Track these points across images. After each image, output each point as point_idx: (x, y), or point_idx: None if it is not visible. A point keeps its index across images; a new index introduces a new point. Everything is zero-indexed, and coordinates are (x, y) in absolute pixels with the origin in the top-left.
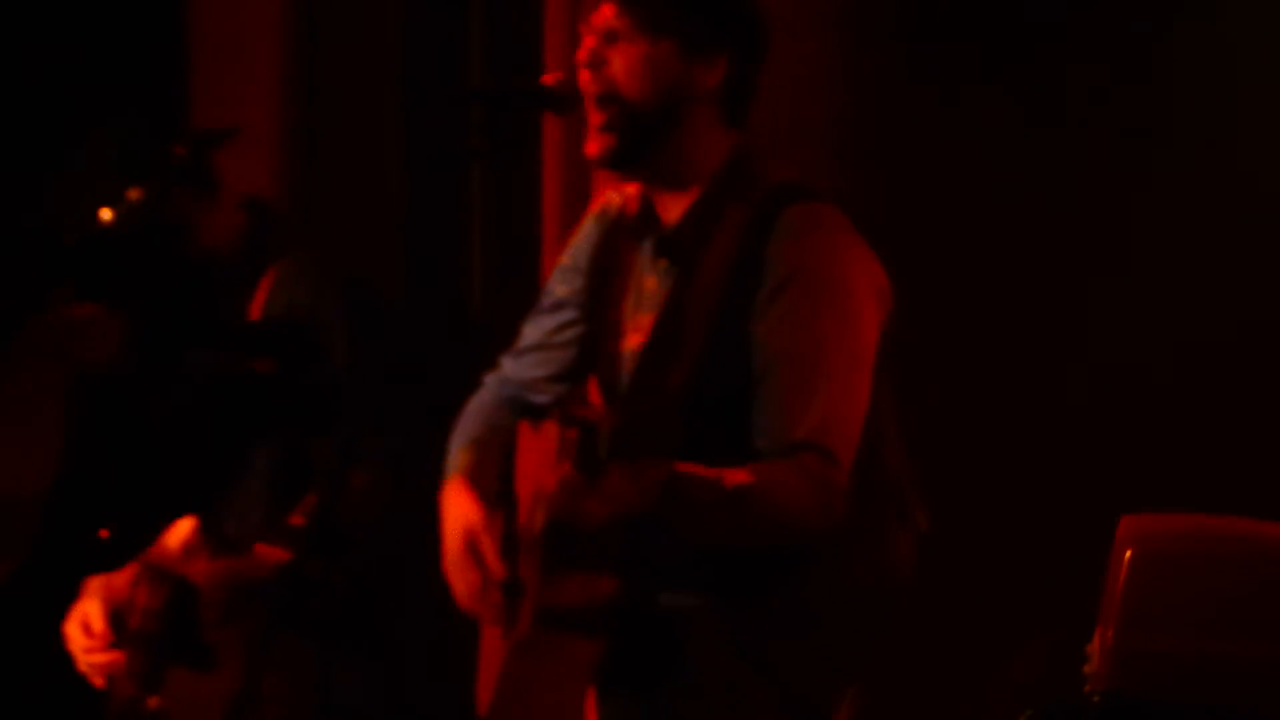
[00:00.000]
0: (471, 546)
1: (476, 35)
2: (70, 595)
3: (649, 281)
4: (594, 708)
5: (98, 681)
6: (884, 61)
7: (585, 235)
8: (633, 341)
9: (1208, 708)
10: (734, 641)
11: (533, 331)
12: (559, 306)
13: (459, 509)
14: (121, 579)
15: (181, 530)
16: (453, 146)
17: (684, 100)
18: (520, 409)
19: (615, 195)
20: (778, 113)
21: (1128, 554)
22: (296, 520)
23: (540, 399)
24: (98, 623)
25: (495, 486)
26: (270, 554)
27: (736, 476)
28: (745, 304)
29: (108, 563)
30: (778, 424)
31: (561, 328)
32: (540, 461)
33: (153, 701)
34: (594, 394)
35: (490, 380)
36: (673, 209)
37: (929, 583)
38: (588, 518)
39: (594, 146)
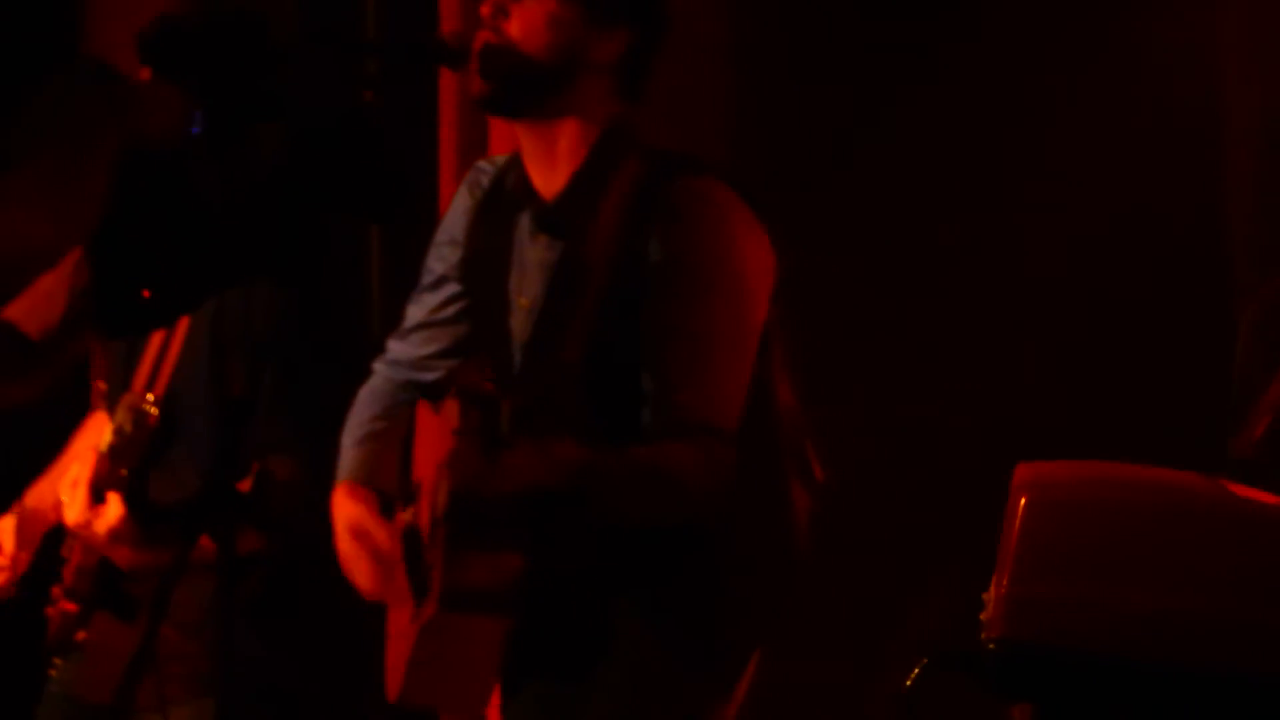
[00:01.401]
0: (361, 536)
1: None
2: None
3: (530, 254)
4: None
5: None
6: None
7: (457, 208)
8: (520, 315)
9: (1102, 654)
10: (641, 612)
11: (416, 310)
12: (440, 282)
13: (343, 511)
14: (43, 508)
15: (110, 516)
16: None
17: (579, 66)
18: (412, 390)
19: (486, 164)
20: (677, 91)
21: (1022, 501)
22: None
23: (431, 376)
24: (8, 544)
25: (395, 474)
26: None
27: (642, 457)
28: (634, 280)
29: (148, 323)
30: (667, 401)
31: (445, 304)
32: (442, 442)
33: (80, 635)
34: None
35: (379, 366)
36: (551, 180)
37: (825, 538)
38: (492, 494)
39: (473, 85)
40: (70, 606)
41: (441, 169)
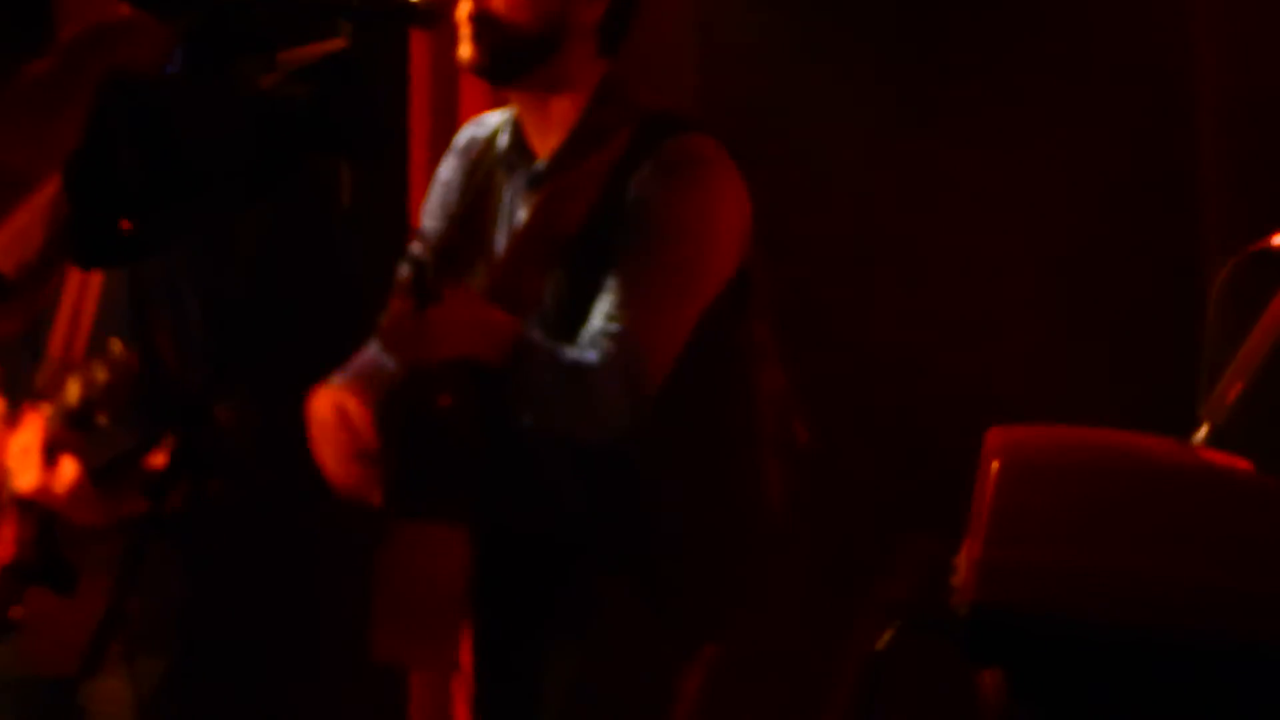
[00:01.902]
0: (340, 413)
1: None
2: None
3: (521, 215)
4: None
5: None
6: None
7: (450, 169)
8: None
9: (1074, 619)
10: (616, 573)
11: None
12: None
13: (327, 394)
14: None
15: (67, 476)
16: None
17: (565, 30)
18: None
19: (478, 125)
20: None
21: (995, 465)
22: (160, 456)
23: None
24: None
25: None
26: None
27: (566, 354)
28: (608, 225)
29: (126, 255)
30: (605, 316)
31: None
32: None
33: (15, 612)
34: None
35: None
36: (545, 142)
37: (795, 504)
38: (426, 342)
39: (465, 51)
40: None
41: (412, 130)
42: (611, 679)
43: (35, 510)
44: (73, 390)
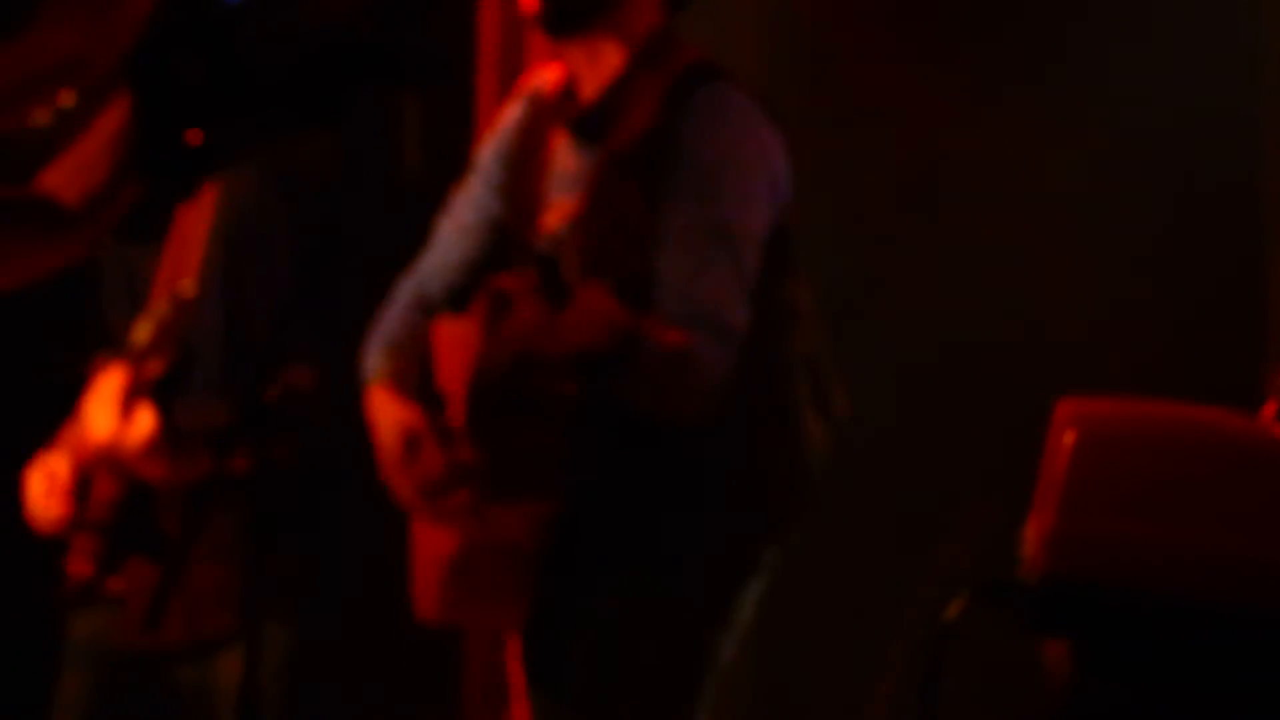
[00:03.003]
0: (411, 444)
1: None
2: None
3: (567, 162)
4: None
5: (43, 530)
6: None
7: (511, 118)
8: (550, 223)
9: (1144, 591)
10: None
11: (453, 217)
12: (482, 185)
13: (391, 412)
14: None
15: (142, 427)
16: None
17: None
18: (432, 305)
19: (539, 78)
20: None
21: (1070, 437)
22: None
23: (454, 283)
24: (63, 473)
25: (417, 385)
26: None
27: (669, 338)
28: (655, 178)
29: (192, 168)
30: (681, 294)
31: (480, 208)
32: (457, 359)
33: (113, 584)
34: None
35: (403, 281)
36: (590, 86)
37: (851, 470)
38: (550, 352)
39: (530, 3)
40: (88, 563)
41: (480, 71)
42: (650, 641)
43: (123, 472)
44: (143, 331)
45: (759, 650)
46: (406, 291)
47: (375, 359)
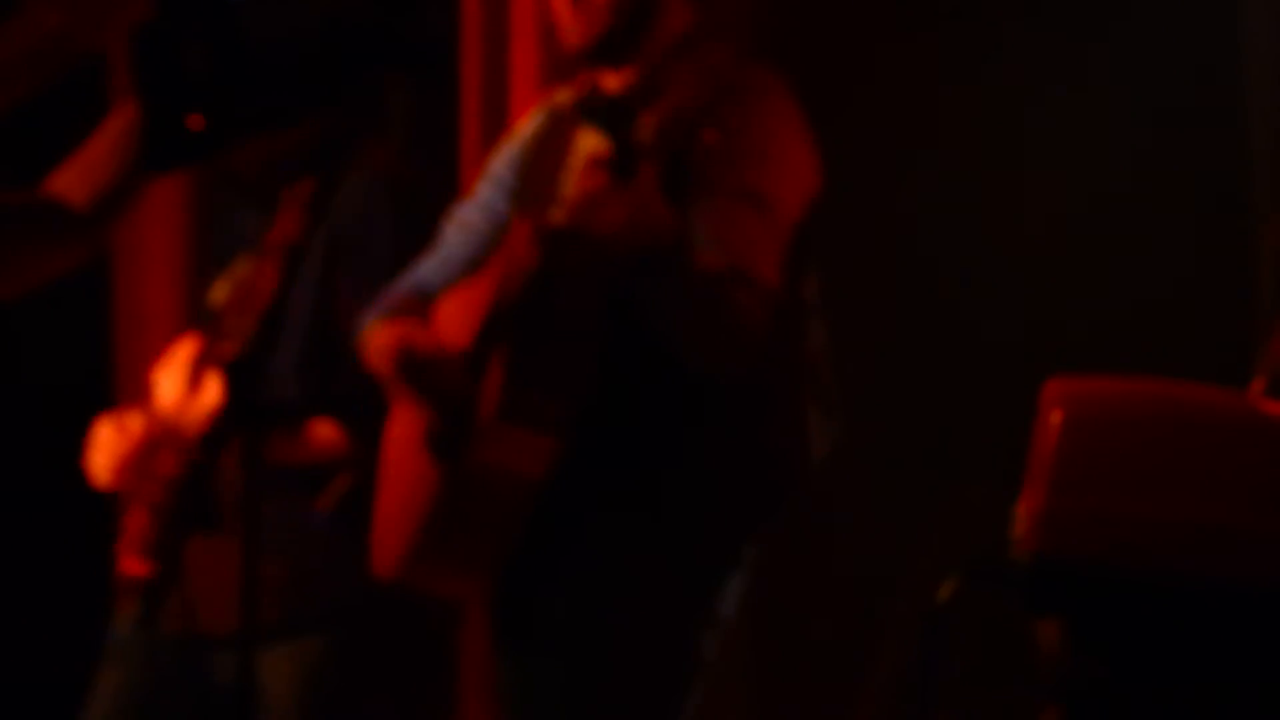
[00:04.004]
0: (404, 345)
1: None
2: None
3: (584, 152)
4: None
5: (102, 483)
6: None
7: (529, 128)
8: (559, 218)
9: (1136, 569)
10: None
11: (458, 219)
12: (492, 189)
13: (385, 333)
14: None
15: (205, 398)
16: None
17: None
18: (430, 297)
19: (560, 93)
20: None
21: (1058, 416)
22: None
23: (453, 279)
24: (132, 434)
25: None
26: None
27: (713, 270)
28: (684, 157)
29: (196, 154)
30: (720, 248)
31: (487, 210)
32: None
33: (164, 566)
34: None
35: (402, 278)
36: (617, 81)
37: (849, 454)
38: (622, 217)
39: (573, 39)
40: (141, 542)
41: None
42: (632, 620)
43: (183, 447)
44: (219, 292)
45: (753, 638)
46: (403, 282)
47: (368, 323)
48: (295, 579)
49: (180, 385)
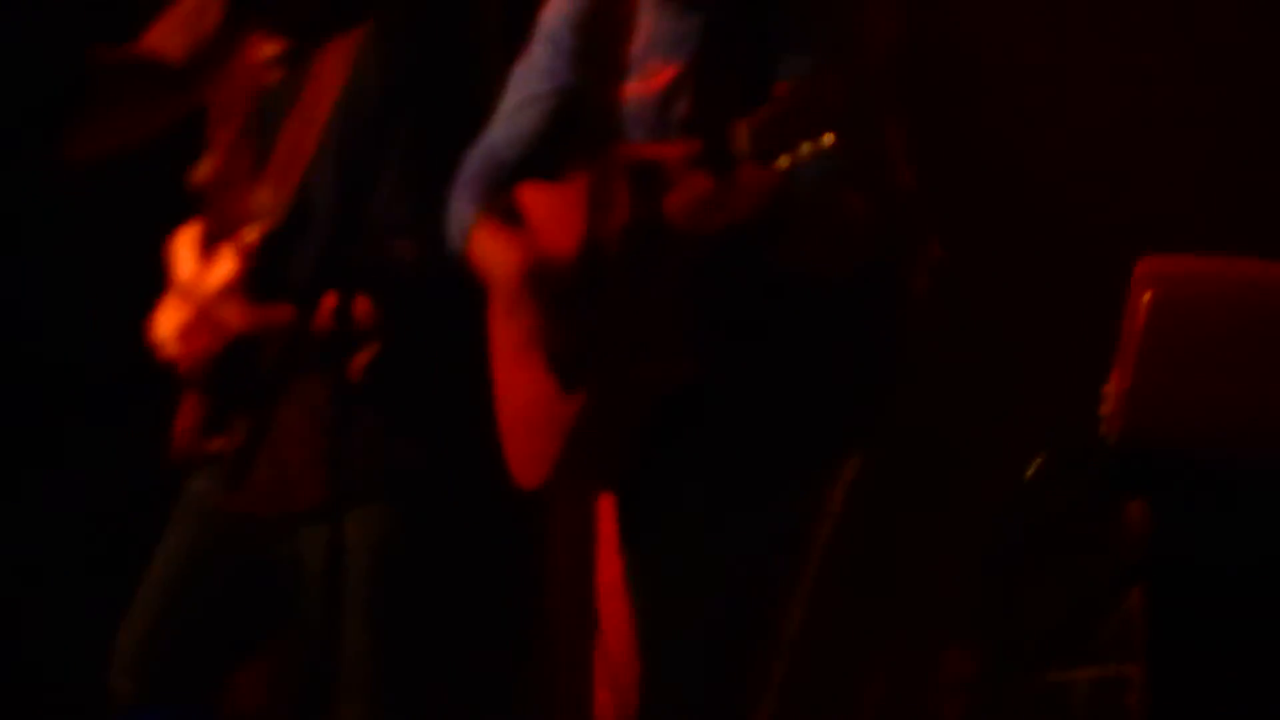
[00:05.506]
0: (534, 276)
1: None
2: None
3: (661, 25)
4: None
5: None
6: None
7: None
8: (643, 87)
9: (1221, 451)
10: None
11: (520, 88)
12: (551, 53)
13: (504, 246)
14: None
15: (225, 269)
16: None
17: None
18: (506, 177)
19: None
20: None
21: (1146, 297)
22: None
23: (525, 155)
24: (181, 314)
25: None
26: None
27: (821, 191)
28: (770, 43)
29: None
30: (835, 149)
31: (550, 77)
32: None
33: (214, 443)
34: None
35: (472, 153)
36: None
37: (941, 335)
38: (723, 212)
39: None
40: (191, 420)
41: None
42: (756, 514)
43: (217, 323)
44: (204, 169)
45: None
46: (477, 161)
47: (467, 214)
48: (335, 454)
49: (194, 255)
